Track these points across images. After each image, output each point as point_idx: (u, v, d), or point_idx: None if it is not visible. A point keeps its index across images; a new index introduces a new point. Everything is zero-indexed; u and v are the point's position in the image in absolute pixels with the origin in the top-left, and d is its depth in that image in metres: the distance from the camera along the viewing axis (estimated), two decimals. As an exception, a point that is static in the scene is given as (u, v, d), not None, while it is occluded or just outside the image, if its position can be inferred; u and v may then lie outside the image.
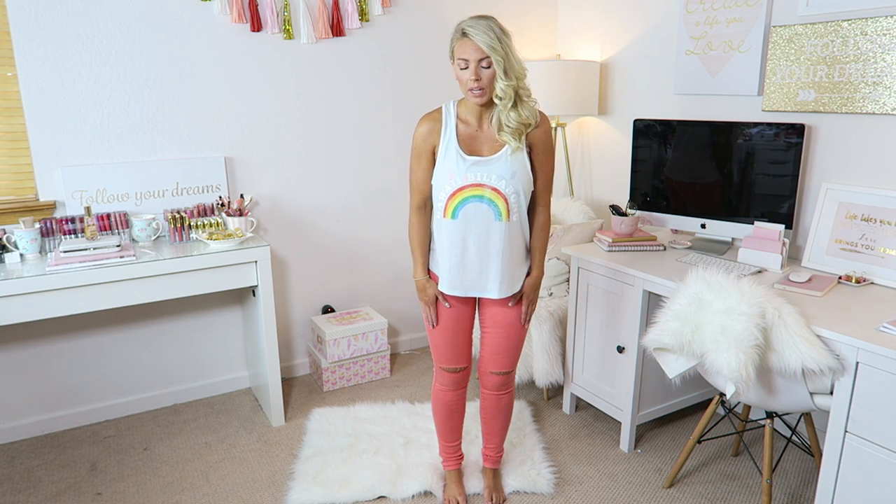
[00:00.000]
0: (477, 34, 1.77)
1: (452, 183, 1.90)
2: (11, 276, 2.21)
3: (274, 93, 2.96)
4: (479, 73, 1.80)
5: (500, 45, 1.77)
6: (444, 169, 1.91)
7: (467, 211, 1.90)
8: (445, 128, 1.92)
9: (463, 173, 1.88)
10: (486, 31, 1.77)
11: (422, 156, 1.96)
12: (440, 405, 2.21)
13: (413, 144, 1.96)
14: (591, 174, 3.58)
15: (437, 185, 1.95)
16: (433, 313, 2.08)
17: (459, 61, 1.82)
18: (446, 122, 1.92)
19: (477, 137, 1.92)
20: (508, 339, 2.10)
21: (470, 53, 1.79)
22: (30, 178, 2.58)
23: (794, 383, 1.91)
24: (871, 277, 2.21)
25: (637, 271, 2.39)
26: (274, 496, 2.33)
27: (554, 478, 2.41)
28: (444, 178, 1.92)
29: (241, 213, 2.75)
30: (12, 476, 2.46)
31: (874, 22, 2.23)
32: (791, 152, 2.39)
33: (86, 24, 2.53)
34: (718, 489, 2.37)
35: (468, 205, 1.90)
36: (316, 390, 3.15)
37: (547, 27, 3.64)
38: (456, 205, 1.91)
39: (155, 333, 2.92)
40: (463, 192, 1.90)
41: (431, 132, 1.93)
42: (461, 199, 1.90)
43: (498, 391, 2.19)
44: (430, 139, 1.93)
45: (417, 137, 1.95)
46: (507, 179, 1.88)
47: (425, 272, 2.06)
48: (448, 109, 1.95)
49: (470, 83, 1.81)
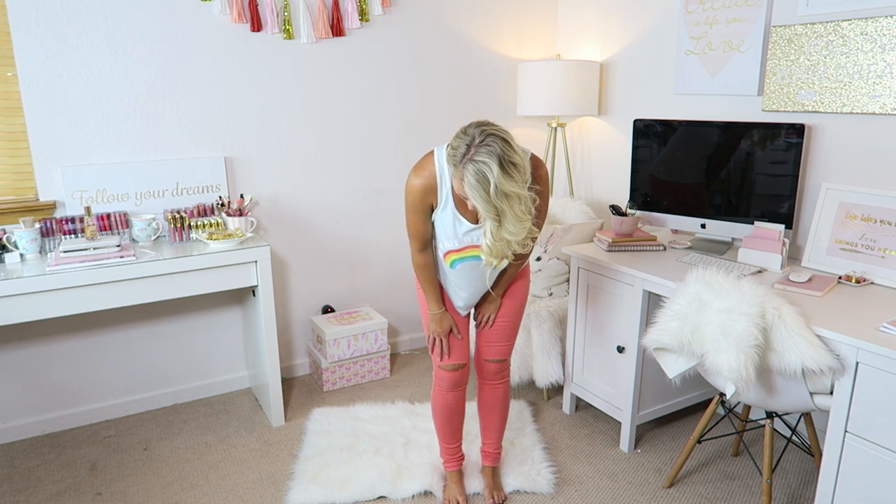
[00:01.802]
0: (475, 195, 1.63)
1: (449, 244, 1.95)
2: (11, 276, 2.21)
3: (274, 93, 2.96)
4: (476, 211, 1.72)
5: (494, 210, 1.64)
6: (442, 231, 1.94)
7: (464, 266, 1.99)
8: (441, 187, 1.85)
9: (460, 237, 1.92)
10: (484, 190, 1.61)
11: (419, 212, 1.90)
12: (440, 408, 2.22)
13: (409, 200, 1.89)
14: (591, 174, 3.58)
15: (437, 238, 1.99)
16: (446, 345, 2.11)
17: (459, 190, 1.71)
18: (441, 181, 1.84)
19: None
20: (501, 329, 2.17)
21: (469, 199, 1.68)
22: (30, 178, 2.58)
23: (794, 383, 1.91)
24: (871, 277, 2.21)
25: (637, 271, 2.39)
26: (274, 496, 2.33)
27: (554, 478, 2.41)
28: (442, 236, 1.95)
29: (241, 213, 2.75)
30: (12, 476, 2.46)
31: (874, 22, 2.23)
32: (791, 152, 2.39)
33: (86, 24, 2.53)
34: (718, 489, 2.37)
35: (465, 262, 1.98)
36: (316, 390, 3.15)
37: (547, 27, 3.64)
38: (454, 260, 1.98)
39: (155, 333, 2.92)
40: (461, 252, 1.96)
41: (428, 192, 1.86)
42: (459, 258, 1.97)
43: (493, 380, 2.23)
44: (426, 199, 1.88)
45: (414, 195, 1.87)
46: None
47: (440, 305, 2.09)
48: (441, 164, 1.83)
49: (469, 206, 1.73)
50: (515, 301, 2.17)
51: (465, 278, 2.03)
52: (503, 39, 3.51)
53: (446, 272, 2.05)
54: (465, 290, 2.07)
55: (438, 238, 1.98)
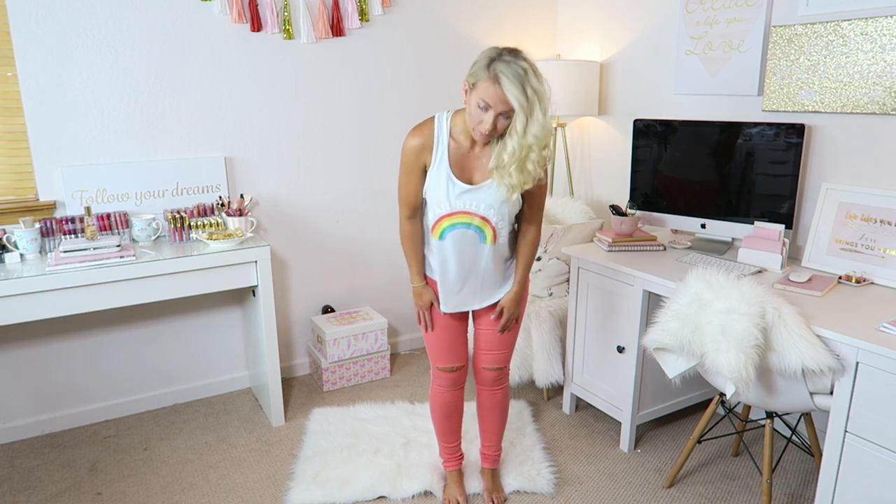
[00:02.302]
0: (510, 86, 1.63)
1: (441, 209, 1.87)
2: (11, 276, 2.21)
3: (274, 93, 2.96)
4: (497, 123, 1.70)
5: (527, 103, 1.65)
6: (434, 192, 1.88)
7: (454, 235, 1.90)
8: (437, 146, 1.84)
9: (452, 200, 1.85)
10: (520, 82, 1.63)
11: (412, 171, 1.89)
12: (438, 406, 2.22)
13: (403, 159, 1.88)
14: (591, 174, 3.58)
15: (428, 203, 1.93)
16: (429, 317, 2.08)
17: (480, 101, 1.68)
18: (438, 139, 1.84)
19: (468, 158, 1.86)
20: (500, 336, 2.11)
21: (495, 102, 1.66)
22: (30, 178, 2.58)
23: (794, 383, 1.91)
24: (871, 277, 2.21)
25: (637, 271, 2.39)
26: (274, 496, 2.33)
27: (554, 478, 2.41)
28: (433, 200, 1.89)
29: (241, 213, 2.75)
30: (12, 476, 2.46)
31: (874, 22, 2.23)
32: (791, 152, 2.39)
33: (86, 24, 2.53)
34: (718, 489, 2.37)
35: (455, 230, 1.90)
36: (316, 390, 3.15)
37: (547, 27, 3.64)
38: (444, 228, 1.90)
39: (155, 333, 2.92)
40: (451, 218, 1.88)
41: (423, 149, 1.85)
42: (449, 224, 1.89)
43: (491, 387, 2.20)
44: (421, 156, 1.86)
45: (408, 152, 1.86)
46: (496, 209, 1.86)
47: (422, 278, 2.06)
48: (441, 124, 1.85)
49: (483, 126, 1.70)
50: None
51: (457, 254, 1.92)
52: (503, 39, 3.51)
53: (436, 249, 1.95)
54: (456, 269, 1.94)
55: (429, 205, 1.91)
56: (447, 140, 1.84)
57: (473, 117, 1.74)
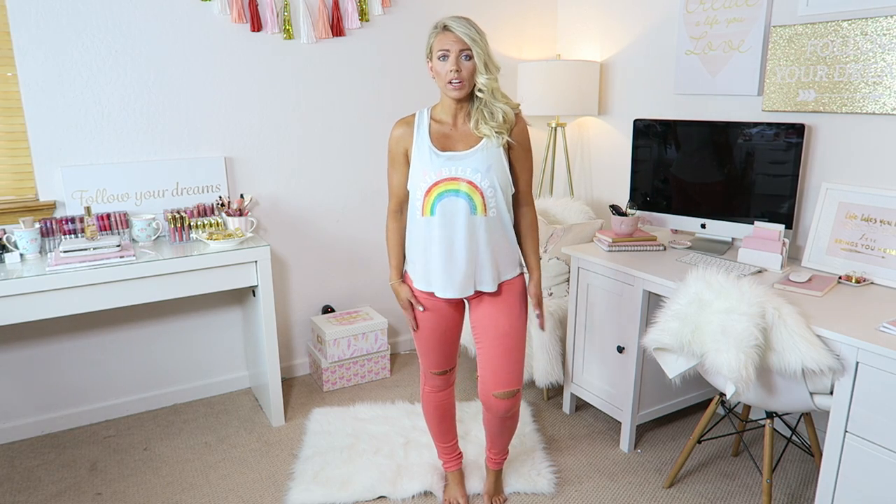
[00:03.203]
0: (458, 27, 1.80)
1: (427, 179, 1.87)
2: (11, 276, 2.21)
3: (274, 93, 2.96)
4: (460, 65, 1.80)
5: (479, 39, 1.81)
6: (418, 167, 1.90)
7: (444, 206, 1.87)
8: (418, 129, 1.92)
9: (437, 168, 1.86)
10: (467, 25, 1.80)
11: (395, 159, 1.96)
12: (431, 407, 2.21)
13: (388, 149, 1.97)
14: (591, 174, 3.58)
15: (412, 184, 1.93)
16: (411, 317, 2.08)
17: (439, 52, 1.82)
18: (419, 124, 1.93)
19: (451, 136, 1.91)
20: (507, 350, 1.99)
21: (450, 44, 1.80)
22: (30, 178, 2.58)
23: (794, 383, 1.91)
24: (871, 277, 2.21)
25: (637, 271, 2.39)
26: (274, 496, 2.33)
27: (554, 478, 2.40)
28: (418, 175, 1.90)
29: (241, 213, 2.75)
30: (12, 476, 2.46)
31: (874, 22, 2.23)
32: (791, 152, 2.39)
33: (86, 24, 2.53)
34: (718, 489, 2.37)
35: (444, 199, 1.87)
36: (316, 390, 3.15)
37: (547, 27, 3.64)
38: (433, 201, 1.88)
39: (155, 333, 2.92)
40: (438, 187, 1.87)
41: (403, 135, 1.93)
42: (437, 195, 1.87)
43: (504, 415, 2.05)
44: (402, 142, 1.94)
45: (391, 141, 1.96)
46: (483, 173, 1.86)
47: (399, 276, 2.06)
48: (421, 113, 1.96)
49: (450, 74, 1.81)
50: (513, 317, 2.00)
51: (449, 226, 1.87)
52: (503, 39, 3.51)
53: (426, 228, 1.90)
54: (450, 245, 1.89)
55: (415, 183, 1.90)
56: (427, 122, 1.93)
57: (440, 76, 1.84)
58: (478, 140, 1.88)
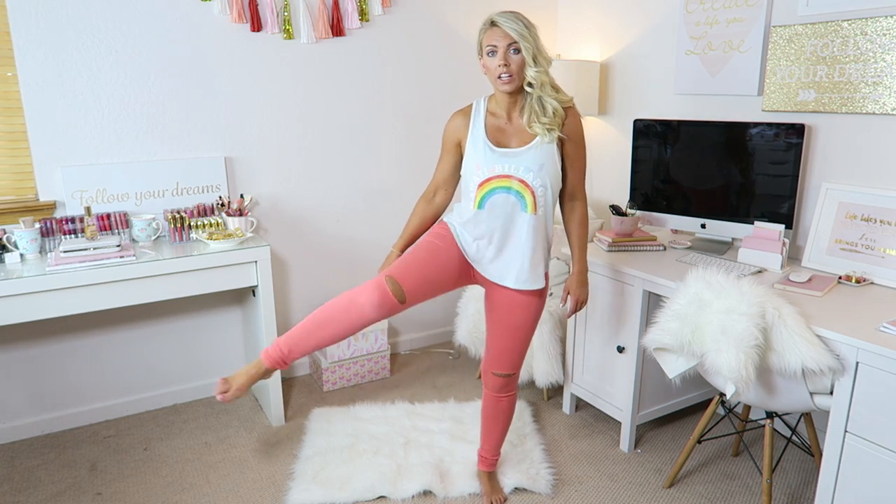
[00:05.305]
0: (506, 22, 1.82)
1: (480, 174, 1.91)
2: (11, 276, 2.21)
3: (274, 93, 2.96)
4: (508, 59, 1.82)
5: (528, 33, 1.83)
6: (471, 160, 1.94)
7: (493, 201, 1.92)
8: (474, 121, 1.96)
9: (490, 164, 1.90)
10: (514, 19, 1.83)
11: (446, 147, 2.03)
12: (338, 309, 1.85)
13: (442, 137, 2.03)
14: (591, 174, 3.58)
15: (465, 176, 1.99)
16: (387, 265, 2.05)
17: (488, 48, 1.84)
18: (475, 116, 1.96)
19: (505, 130, 1.94)
20: (514, 341, 2.08)
21: (498, 39, 1.82)
22: (30, 178, 2.58)
23: (794, 383, 1.91)
24: (871, 277, 2.21)
25: (637, 271, 2.39)
26: (274, 496, 2.33)
27: (553, 478, 2.41)
28: (471, 169, 1.94)
29: (241, 213, 2.75)
30: (12, 476, 2.46)
31: (874, 22, 2.23)
32: (791, 152, 2.39)
33: (86, 24, 2.53)
34: (718, 489, 2.37)
35: (494, 196, 1.92)
36: (316, 390, 3.15)
37: (547, 27, 3.64)
38: (483, 195, 1.93)
39: (155, 333, 2.91)
40: (490, 183, 1.91)
41: (460, 126, 1.98)
42: (488, 190, 1.92)
43: (499, 392, 2.18)
44: (457, 133, 1.99)
45: (446, 130, 2.01)
46: (535, 172, 1.89)
47: (400, 251, 2.10)
48: (478, 104, 1.99)
49: (499, 69, 1.83)
50: (530, 313, 2.05)
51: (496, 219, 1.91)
52: (503, 39, 3.51)
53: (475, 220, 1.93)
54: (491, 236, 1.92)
55: (468, 174, 1.95)
56: (484, 114, 1.96)
57: (490, 70, 1.86)
58: (532, 137, 1.91)
